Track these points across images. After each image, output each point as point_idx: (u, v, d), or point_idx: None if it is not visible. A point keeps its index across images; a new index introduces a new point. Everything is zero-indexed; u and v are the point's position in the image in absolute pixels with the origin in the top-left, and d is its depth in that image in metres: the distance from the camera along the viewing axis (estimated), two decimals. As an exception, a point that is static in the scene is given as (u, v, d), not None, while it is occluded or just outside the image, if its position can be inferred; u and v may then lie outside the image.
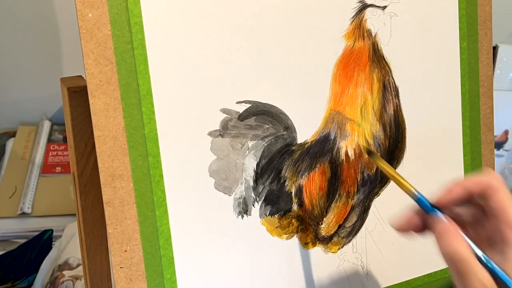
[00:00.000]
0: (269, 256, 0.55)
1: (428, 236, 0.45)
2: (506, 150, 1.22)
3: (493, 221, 0.42)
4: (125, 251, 0.48)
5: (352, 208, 0.59)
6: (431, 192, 0.45)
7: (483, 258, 0.40)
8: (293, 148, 0.55)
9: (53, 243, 0.95)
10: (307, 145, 0.56)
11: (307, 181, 0.56)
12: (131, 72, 0.47)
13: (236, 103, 0.52)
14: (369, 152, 0.56)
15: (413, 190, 0.45)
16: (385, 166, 0.48)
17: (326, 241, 0.58)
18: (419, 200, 0.44)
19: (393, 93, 0.59)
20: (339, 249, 0.59)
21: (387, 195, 0.60)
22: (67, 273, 0.84)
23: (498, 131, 1.20)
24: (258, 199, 0.54)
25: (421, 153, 0.62)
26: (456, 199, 0.43)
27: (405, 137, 0.61)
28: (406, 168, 0.61)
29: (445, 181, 0.65)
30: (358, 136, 0.58)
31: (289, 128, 0.54)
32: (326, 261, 0.58)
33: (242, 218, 0.53)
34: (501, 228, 0.41)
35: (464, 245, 0.40)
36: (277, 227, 0.55)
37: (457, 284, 0.41)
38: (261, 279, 0.55)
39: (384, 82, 0.59)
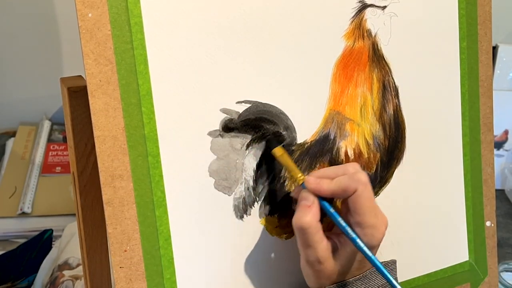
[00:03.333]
0: (269, 255, 0.55)
1: (427, 236, 0.45)
2: (506, 150, 1.22)
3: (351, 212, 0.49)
4: (125, 251, 0.48)
5: (352, 208, 0.59)
6: (430, 193, 0.45)
7: (345, 227, 0.48)
8: (293, 148, 0.55)
9: (53, 243, 0.95)
10: (306, 145, 0.56)
11: (307, 181, 0.56)
12: (131, 72, 0.47)
13: (236, 103, 0.52)
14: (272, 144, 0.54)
15: (300, 176, 0.50)
16: (283, 157, 0.52)
17: (326, 241, 0.58)
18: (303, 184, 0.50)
19: (393, 93, 0.59)
20: (339, 249, 0.59)
21: (387, 195, 0.60)
22: (67, 273, 0.84)
23: (498, 131, 1.20)
24: (258, 199, 0.54)
25: (421, 153, 0.62)
26: (323, 195, 0.49)
27: (404, 137, 0.61)
28: (406, 168, 0.61)
29: (445, 181, 0.65)
30: (358, 136, 0.58)
31: (289, 128, 0.54)
32: (326, 261, 0.58)
33: (242, 218, 0.53)
34: (352, 223, 0.48)
35: (311, 218, 0.47)
36: (276, 227, 0.55)
37: (300, 250, 0.50)
38: (261, 278, 0.55)
39: (384, 82, 0.59)
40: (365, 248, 0.48)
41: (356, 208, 0.48)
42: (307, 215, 0.48)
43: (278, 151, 0.52)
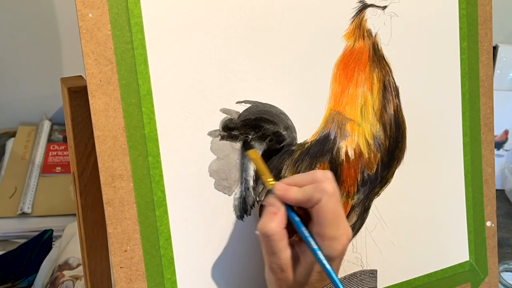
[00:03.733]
0: (269, 256, 0.55)
1: (427, 236, 0.45)
2: (506, 150, 1.22)
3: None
4: (125, 251, 0.48)
5: (352, 208, 0.59)
6: (430, 193, 0.45)
7: (308, 238, 0.47)
8: (293, 148, 0.55)
9: (53, 243, 0.95)
10: (307, 145, 0.56)
11: (307, 181, 0.56)
12: (131, 72, 0.47)
13: (236, 103, 0.52)
14: (246, 145, 0.53)
15: (270, 181, 0.50)
16: (256, 158, 0.52)
17: (326, 241, 0.58)
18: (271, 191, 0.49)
19: (393, 93, 0.59)
20: (339, 249, 0.59)
21: (387, 195, 0.60)
22: (67, 273, 0.84)
23: (498, 131, 1.20)
24: (258, 199, 0.54)
25: (421, 153, 0.62)
26: (289, 203, 0.48)
27: (405, 137, 0.61)
28: (406, 168, 0.61)
29: (445, 181, 0.65)
30: (358, 136, 0.58)
31: (289, 128, 0.54)
32: (326, 261, 0.58)
33: (242, 218, 0.53)
34: (313, 232, 0.47)
35: (276, 225, 0.46)
36: (277, 227, 0.55)
37: (264, 256, 0.49)
38: (261, 278, 0.55)
39: (384, 82, 0.59)
40: (324, 261, 0.46)
41: (318, 219, 0.46)
42: (272, 222, 0.47)
43: (252, 153, 0.52)
